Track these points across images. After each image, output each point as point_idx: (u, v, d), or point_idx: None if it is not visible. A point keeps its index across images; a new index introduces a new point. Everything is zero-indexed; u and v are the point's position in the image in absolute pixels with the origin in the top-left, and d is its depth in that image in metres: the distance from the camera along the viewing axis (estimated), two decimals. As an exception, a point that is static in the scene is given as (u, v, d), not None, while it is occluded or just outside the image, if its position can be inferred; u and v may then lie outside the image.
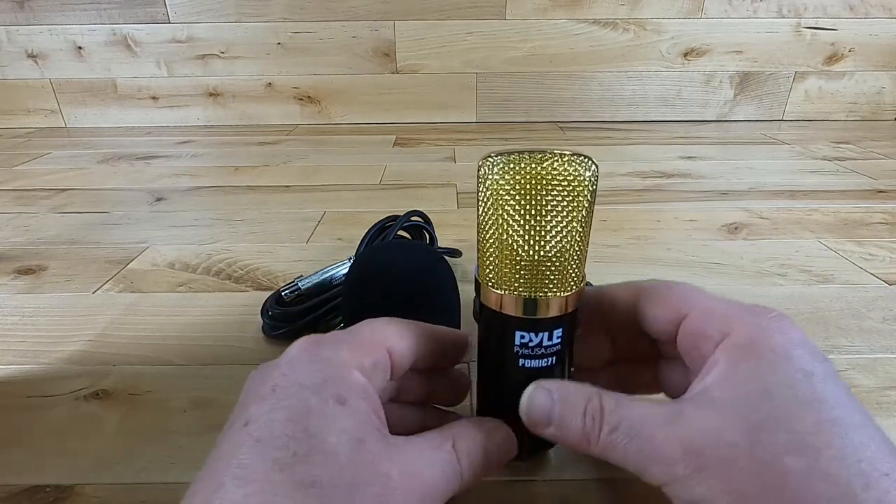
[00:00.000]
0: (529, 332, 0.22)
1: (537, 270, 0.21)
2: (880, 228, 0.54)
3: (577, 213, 0.20)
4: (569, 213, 0.20)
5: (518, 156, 0.20)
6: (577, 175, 0.20)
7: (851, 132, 0.95)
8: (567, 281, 0.21)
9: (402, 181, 0.70)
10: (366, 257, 0.32)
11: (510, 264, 0.21)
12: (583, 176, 0.20)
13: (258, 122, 1.04)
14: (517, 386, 0.23)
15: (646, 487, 0.19)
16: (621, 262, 0.48)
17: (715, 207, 0.60)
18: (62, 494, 0.25)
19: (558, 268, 0.21)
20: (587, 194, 0.20)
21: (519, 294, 0.21)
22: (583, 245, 0.21)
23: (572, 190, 0.20)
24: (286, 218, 0.58)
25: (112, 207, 0.62)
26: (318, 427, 0.17)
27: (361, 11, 0.95)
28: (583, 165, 0.20)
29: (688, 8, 0.95)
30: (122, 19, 0.96)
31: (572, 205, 0.20)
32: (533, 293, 0.21)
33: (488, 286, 0.22)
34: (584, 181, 0.20)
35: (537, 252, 0.20)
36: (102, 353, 0.36)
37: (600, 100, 1.03)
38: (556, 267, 0.20)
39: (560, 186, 0.20)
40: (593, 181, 0.20)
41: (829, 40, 0.98)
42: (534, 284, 0.21)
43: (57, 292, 0.43)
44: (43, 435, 0.29)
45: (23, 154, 0.86)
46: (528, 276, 0.21)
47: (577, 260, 0.21)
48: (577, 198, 0.20)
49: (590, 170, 0.20)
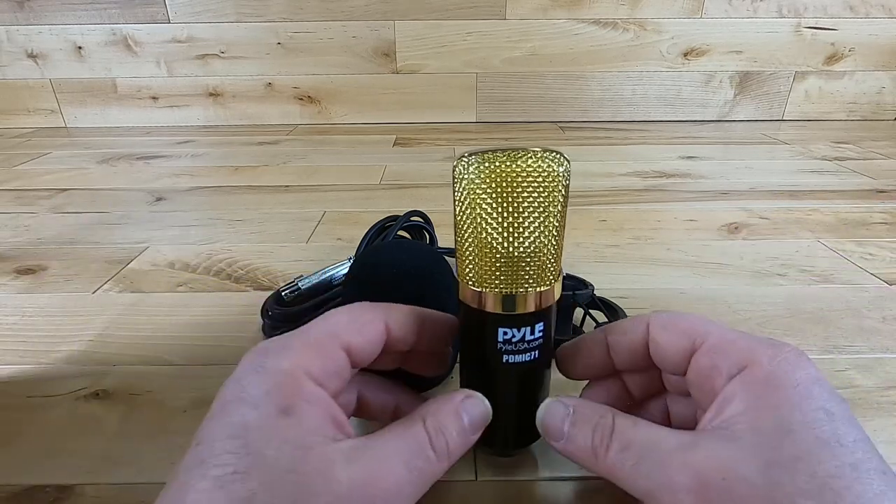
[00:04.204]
0: (511, 328, 0.22)
1: (515, 266, 0.21)
2: (880, 228, 0.54)
3: (552, 208, 0.20)
4: (544, 208, 0.20)
5: (492, 154, 0.20)
6: (551, 171, 0.20)
7: (851, 132, 0.95)
8: (545, 275, 0.21)
9: (402, 181, 0.70)
10: (366, 257, 0.32)
11: (488, 262, 0.21)
12: (556, 172, 0.20)
13: (258, 122, 1.04)
14: (503, 382, 0.23)
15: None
16: (621, 262, 0.48)
17: (715, 207, 0.60)
18: (62, 494, 0.25)
19: (536, 263, 0.21)
20: (561, 189, 0.20)
21: (499, 291, 0.21)
22: (559, 239, 0.21)
23: (546, 186, 0.20)
24: (286, 218, 0.58)
25: (112, 207, 0.62)
26: (258, 441, 0.16)
27: (361, 11, 0.95)
28: (555, 161, 0.20)
29: (688, 8, 0.95)
30: (122, 19, 0.96)
31: (547, 200, 0.20)
32: (512, 289, 0.21)
33: (467, 284, 0.22)
34: (557, 177, 0.20)
35: (515, 248, 0.20)
36: (102, 353, 0.36)
37: (600, 100, 1.03)
38: (534, 262, 0.21)
39: (534, 183, 0.20)
40: (566, 176, 0.20)
41: (829, 40, 0.98)
42: (512, 280, 0.21)
43: (57, 292, 0.43)
44: (43, 435, 0.29)
45: (23, 154, 0.86)
46: (507, 272, 0.21)
47: (554, 254, 0.21)
48: (551, 193, 0.20)
49: (562, 165, 0.20)
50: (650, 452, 0.18)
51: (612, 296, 0.38)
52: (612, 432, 0.20)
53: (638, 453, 0.19)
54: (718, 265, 0.47)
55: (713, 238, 0.52)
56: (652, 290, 0.43)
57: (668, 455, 0.18)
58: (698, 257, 0.49)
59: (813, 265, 0.47)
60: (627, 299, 0.40)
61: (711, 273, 0.46)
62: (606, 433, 0.20)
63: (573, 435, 0.21)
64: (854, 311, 0.40)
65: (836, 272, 0.45)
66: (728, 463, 0.17)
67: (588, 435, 0.20)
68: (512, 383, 0.24)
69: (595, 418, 0.20)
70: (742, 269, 0.46)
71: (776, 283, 0.44)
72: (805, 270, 0.46)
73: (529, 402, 0.24)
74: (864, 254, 0.49)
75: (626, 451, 0.19)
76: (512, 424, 0.25)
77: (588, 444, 0.20)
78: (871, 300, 0.41)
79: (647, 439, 0.19)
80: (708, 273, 0.46)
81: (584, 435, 0.20)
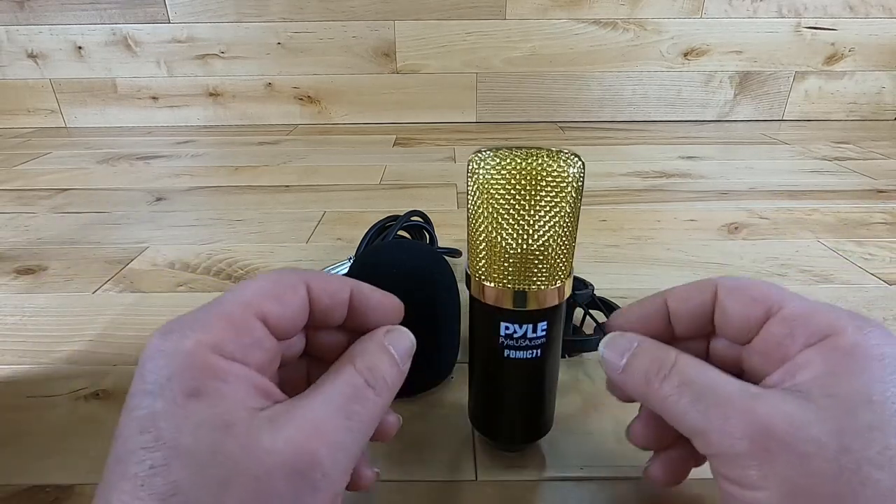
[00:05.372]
0: (514, 324, 0.22)
1: (526, 263, 0.21)
2: (880, 228, 0.54)
3: (565, 207, 0.20)
4: (558, 207, 0.20)
5: (508, 151, 0.21)
6: (564, 171, 0.20)
7: (851, 132, 0.95)
8: (554, 274, 0.21)
9: (402, 181, 0.70)
10: (366, 257, 0.32)
11: (499, 257, 0.21)
12: (568, 172, 0.20)
13: (258, 122, 1.04)
14: (506, 376, 0.24)
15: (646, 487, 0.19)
16: (621, 261, 0.48)
17: (715, 207, 0.60)
18: (62, 494, 0.25)
19: (546, 261, 0.21)
20: (573, 190, 0.20)
21: (506, 286, 0.22)
22: (570, 240, 0.22)
23: (560, 185, 0.20)
24: (286, 218, 0.58)
25: (112, 207, 0.62)
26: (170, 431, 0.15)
27: (361, 11, 0.95)
28: (568, 162, 0.20)
29: (688, 8, 0.95)
30: (122, 19, 0.96)
31: (561, 197, 0.20)
32: (520, 285, 0.21)
33: (478, 278, 0.22)
34: (570, 177, 0.20)
35: (529, 245, 0.21)
36: (102, 353, 0.36)
37: (600, 100, 1.03)
38: (544, 260, 0.21)
39: (549, 182, 0.20)
40: (579, 177, 0.21)
41: (829, 40, 0.98)
42: (521, 277, 0.21)
43: (57, 292, 0.43)
44: (43, 435, 0.29)
45: (23, 154, 0.86)
46: (517, 268, 0.21)
47: (565, 254, 0.22)
48: (565, 191, 0.20)
49: (575, 166, 0.20)
50: (711, 392, 0.18)
51: (612, 296, 0.38)
52: (674, 366, 0.19)
53: (698, 391, 0.18)
54: (718, 265, 0.47)
55: (713, 238, 0.52)
56: (652, 290, 0.43)
57: (730, 398, 0.18)
58: (698, 257, 0.49)
59: (813, 265, 0.47)
60: (627, 299, 0.39)
61: (711, 273, 0.46)
62: (666, 365, 0.19)
63: (631, 364, 0.20)
64: (854, 310, 0.40)
65: (836, 272, 0.45)
66: (797, 421, 0.16)
67: (645, 365, 0.20)
68: (514, 378, 0.24)
69: (656, 352, 0.20)
70: (742, 269, 0.46)
71: (776, 283, 0.44)
72: (805, 270, 0.46)
73: (534, 399, 0.24)
74: (864, 254, 0.49)
75: (684, 386, 0.18)
76: (516, 419, 0.25)
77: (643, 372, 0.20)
78: (870, 300, 0.41)
79: (711, 380, 0.18)
80: (708, 273, 0.46)
81: (642, 365, 0.20)
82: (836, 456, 0.16)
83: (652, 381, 0.19)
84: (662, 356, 0.20)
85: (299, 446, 0.16)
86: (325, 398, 0.18)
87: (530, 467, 0.27)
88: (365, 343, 0.20)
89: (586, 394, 0.32)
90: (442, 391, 0.32)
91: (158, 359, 0.16)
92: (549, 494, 0.25)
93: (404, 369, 0.21)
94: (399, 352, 0.20)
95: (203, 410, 0.16)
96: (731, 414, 0.17)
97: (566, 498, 0.25)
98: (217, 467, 0.15)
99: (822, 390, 0.17)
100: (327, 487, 0.16)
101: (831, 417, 0.16)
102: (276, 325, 0.19)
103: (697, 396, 0.18)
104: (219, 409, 0.16)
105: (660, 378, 0.19)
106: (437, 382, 0.32)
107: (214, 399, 0.16)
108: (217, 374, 0.16)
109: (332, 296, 0.21)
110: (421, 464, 0.27)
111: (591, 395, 0.32)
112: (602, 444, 0.28)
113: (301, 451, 0.16)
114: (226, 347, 0.17)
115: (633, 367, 0.20)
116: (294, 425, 0.16)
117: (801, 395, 0.17)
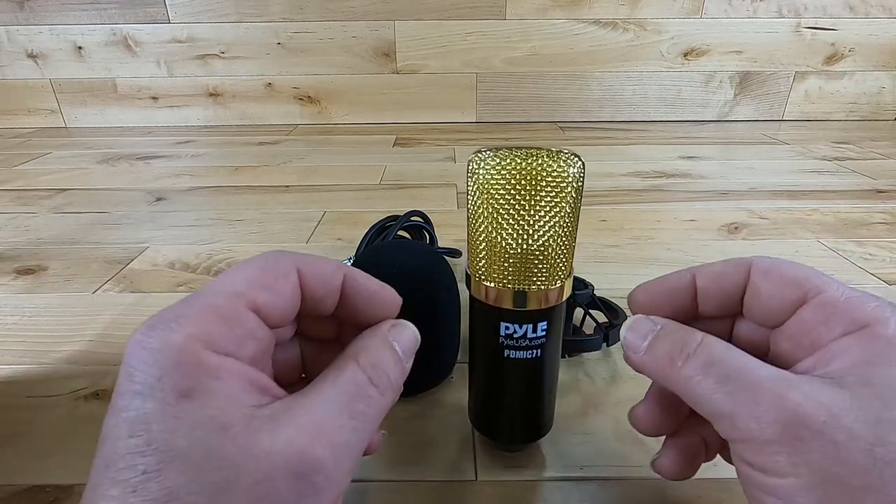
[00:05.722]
0: (514, 324, 0.22)
1: (526, 263, 0.21)
2: (880, 228, 0.54)
3: (565, 208, 0.20)
4: (558, 207, 0.20)
5: (508, 152, 0.21)
6: (564, 171, 0.20)
7: (851, 132, 0.95)
8: (554, 274, 0.22)
9: (402, 181, 0.70)
10: (366, 257, 0.32)
11: (499, 257, 0.21)
12: (568, 172, 0.20)
13: (258, 122, 1.04)
14: (505, 376, 0.24)
15: (646, 487, 0.19)
16: (621, 261, 0.48)
17: (715, 207, 0.60)
18: (62, 494, 0.25)
19: (546, 261, 0.21)
20: (573, 190, 0.20)
21: (506, 286, 0.22)
22: (570, 240, 0.22)
23: (560, 185, 0.20)
24: (286, 218, 0.58)
25: (112, 207, 0.62)
26: (163, 434, 0.14)
27: (361, 11, 0.95)
28: (568, 162, 0.20)
29: (688, 8, 0.95)
30: (122, 19, 0.96)
31: (561, 197, 0.20)
32: (520, 285, 0.21)
33: (478, 278, 0.22)
34: (570, 177, 0.20)
35: (529, 245, 0.21)
36: (102, 353, 0.36)
37: (600, 100, 1.03)
38: (544, 260, 0.21)
39: (549, 182, 0.20)
40: (579, 177, 0.21)
41: (829, 40, 0.98)
42: (521, 277, 0.21)
43: (57, 292, 0.43)
44: (43, 435, 0.29)
45: (23, 154, 0.86)
46: (517, 268, 0.21)
47: (565, 254, 0.22)
48: (565, 192, 0.20)
49: (576, 166, 0.20)
50: (740, 374, 0.17)
51: (612, 296, 0.38)
52: (699, 345, 0.18)
53: (725, 372, 0.17)
54: (718, 265, 0.47)
55: (713, 238, 0.52)
56: (652, 290, 0.43)
57: (760, 382, 0.17)
58: (698, 257, 0.49)
59: (813, 265, 0.46)
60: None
61: (711, 273, 0.46)
62: (691, 346, 0.18)
63: (653, 346, 0.20)
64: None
65: (836, 272, 0.45)
66: (831, 408, 0.16)
67: (668, 345, 0.19)
68: (513, 378, 0.24)
69: (681, 332, 0.19)
70: (742, 269, 0.46)
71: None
72: (805, 270, 0.46)
73: (534, 399, 0.24)
74: (864, 254, 0.49)
75: (711, 367, 0.18)
76: (516, 419, 0.25)
77: (666, 352, 0.19)
78: (871, 300, 0.41)
79: (739, 362, 0.18)
80: (708, 273, 0.46)
81: (665, 345, 0.19)
82: (870, 447, 0.15)
83: (675, 360, 0.18)
84: (687, 337, 0.19)
85: (301, 448, 0.15)
86: (328, 396, 0.17)
87: (530, 467, 0.27)
88: (368, 338, 0.20)
89: (586, 394, 0.32)
90: (442, 391, 0.32)
91: (146, 356, 0.15)
92: (549, 494, 0.25)
93: (407, 367, 0.20)
94: (403, 347, 0.20)
95: (197, 411, 0.15)
96: (761, 398, 0.16)
97: (566, 498, 0.25)
98: (214, 471, 0.14)
99: (858, 379, 0.16)
100: (330, 490, 0.16)
101: (867, 407, 0.16)
102: (268, 315, 0.18)
103: (724, 378, 0.17)
104: (214, 409, 0.15)
105: (683, 357, 0.18)
106: (437, 382, 0.32)
107: (208, 398, 0.15)
108: (210, 371, 0.16)
109: (324, 283, 0.20)
110: (421, 464, 0.27)
111: (591, 395, 0.32)
112: (602, 444, 0.28)
113: (303, 452, 0.15)
114: (217, 341, 0.16)
115: (655, 348, 0.20)
116: (295, 425, 0.16)
117: (835, 383, 0.16)
